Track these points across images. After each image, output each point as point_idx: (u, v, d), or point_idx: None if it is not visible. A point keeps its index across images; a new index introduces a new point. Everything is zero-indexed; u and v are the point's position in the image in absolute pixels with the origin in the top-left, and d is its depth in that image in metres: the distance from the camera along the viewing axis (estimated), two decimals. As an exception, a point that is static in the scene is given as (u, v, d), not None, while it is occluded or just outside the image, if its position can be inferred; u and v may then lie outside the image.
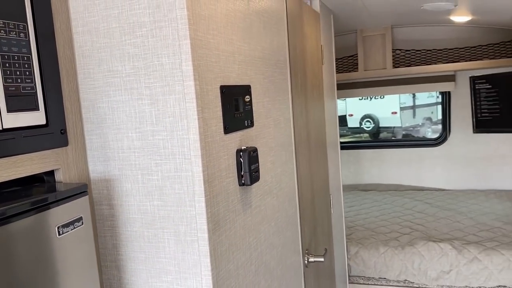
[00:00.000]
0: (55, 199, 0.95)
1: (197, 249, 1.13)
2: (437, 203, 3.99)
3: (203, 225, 1.12)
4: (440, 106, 15.46)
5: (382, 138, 14.81)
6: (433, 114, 17.42)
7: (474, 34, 3.68)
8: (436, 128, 16.82)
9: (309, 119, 2.21)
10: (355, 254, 3.12)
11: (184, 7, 1.06)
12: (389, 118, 15.25)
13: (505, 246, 2.86)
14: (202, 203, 1.11)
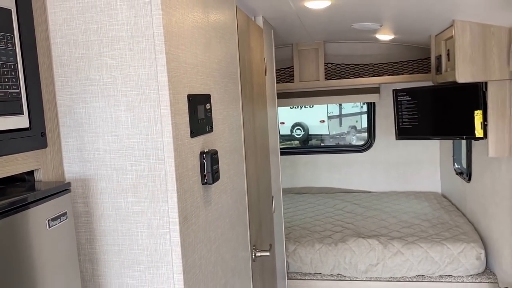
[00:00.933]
0: (46, 195, 1.05)
1: (169, 240, 1.26)
2: (364, 203, 4.37)
3: (175, 218, 1.25)
4: (364, 115, 16.39)
5: (314, 144, 15.45)
6: (358, 123, 18.49)
7: (396, 51, 4.11)
8: (360, 136, 17.89)
9: (255, 126, 2.40)
10: (293, 252, 3.35)
11: (161, 25, 1.20)
12: (317, 126, 15.96)
13: (423, 240, 3.24)
14: (175, 199, 1.25)
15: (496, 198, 3.00)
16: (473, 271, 3.10)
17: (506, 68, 2.63)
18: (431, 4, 2.42)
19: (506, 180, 2.80)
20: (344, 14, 2.84)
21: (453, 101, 3.02)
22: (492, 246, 3.12)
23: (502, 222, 2.91)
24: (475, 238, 3.22)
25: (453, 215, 3.80)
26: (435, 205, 4.15)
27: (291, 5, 2.50)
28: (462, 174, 3.89)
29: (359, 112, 18.60)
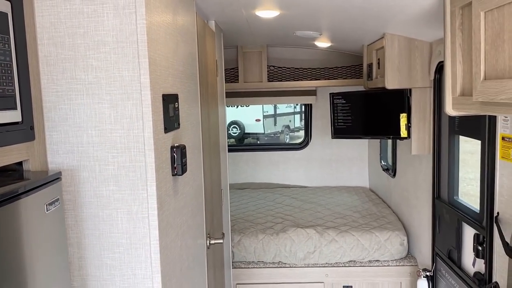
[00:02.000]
0: (44, 182, 1.17)
1: (147, 224, 1.42)
2: (301, 197, 4.69)
3: (154, 204, 1.41)
4: (297, 115, 16.90)
5: (250, 143, 15.73)
6: (291, 122, 19.11)
7: (332, 57, 4.46)
8: (293, 135, 18.52)
9: (210, 123, 2.58)
10: (238, 242, 3.56)
11: (145, 33, 1.35)
12: (253, 125, 16.33)
13: (354, 229, 3.60)
14: (154, 187, 1.41)
15: (418, 191, 3.42)
16: (397, 256, 3.50)
17: (427, 77, 3.03)
18: (365, 19, 2.74)
19: (426, 174, 3.21)
20: (289, 23, 3.09)
21: (382, 105, 3.40)
22: (414, 233, 3.54)
23: (422, 212, 3.33)
24: (399, 226, 3.64)
25: (380, 207, 4.22)
26: (364, 198, 4.57)
27: (242, 12, 2.71)
28: (388, 170, 4.32)
29: (293, 112, 19.24)
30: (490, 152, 2.20)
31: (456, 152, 2.84)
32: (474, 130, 2.52)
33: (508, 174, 2.07)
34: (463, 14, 1.76)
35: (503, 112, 1.46)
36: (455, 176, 2.85)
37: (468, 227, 2.57)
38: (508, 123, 2.07)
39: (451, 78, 1.87)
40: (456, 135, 2.81)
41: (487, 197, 2.24)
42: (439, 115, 2.99)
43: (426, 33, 2.84)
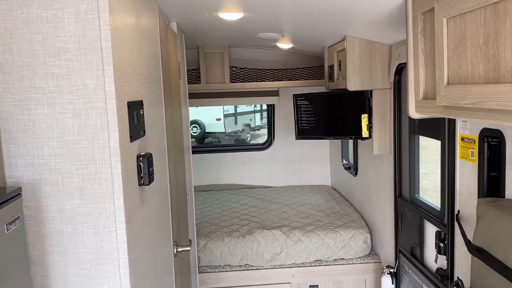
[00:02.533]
0: (3, 200, 1.09)
1: (115, 238, 1.36)
2: (266, 198, 4.70)
3: (122, 217, 1.36)
4: (258, 114, 16.89)
5: (211, 142, 15.60)
6: (252, 121, 19.15)
7: (294, 58, 4.48)
8: (254, 133, 18.57)
9: (174, 127, 2.53)
10: (204, 246, 3.52)
11: (109, 39, 1.29)
12: (214, 124, 16.22)
13: (319, 228, 3.64)
14: (121, 200, 1.35)
15: (379, 189, 3.51)
16: (361, 253, 3.57)
17: (388, 79, 3.10)
18: (328, 22, 2.77)
19: (388, 173, 3.29)
20: (252, 25, 3.08)
21: (344, 106, 3.45)
22: (376, 231, 3.63)
23: (384, 209, 3.41)
24: (362, 224, 3.71)
25: (343, 205, 4.29)
26: (327, 197, 4.63)
27: (205, 14, 2.66)
28: (349, 169, 4.40)
29: (253, 110, 19.27)
30: (450, 152, 2.27)
31: (416, 152, 2.92)
32: (433, 131, 2.60)
33: (468, 174, 2.14)
34: (425, 20, 1.81)
35: (466, 116, 1.50)
36: (415, 175, 2.93)
37: (429, 225, 2.65)
38: (467, 124, 2.14)
39: (414, 82, 1.92)
40: (416, 135, 2.89)
41: (447, 196, 2.32)
42: (399, 115, 3.06)
43: (385, 36, 2.90)
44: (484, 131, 1.99)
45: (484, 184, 1.98)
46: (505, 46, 1.24)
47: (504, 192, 1.86)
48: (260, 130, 19.31)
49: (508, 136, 1.82)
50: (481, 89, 1.35)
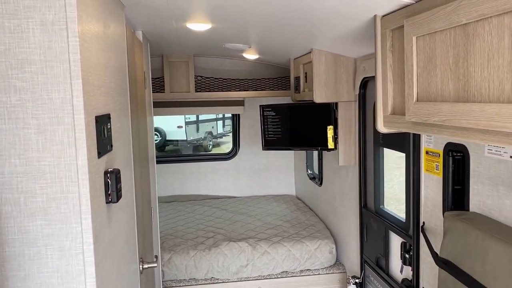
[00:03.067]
0: (-40, 225, 1.01)
1: (82, 260, 1.29)
2: (231, 208, 4.65)
3: (89, 239, 1.29)
4: (220, 121, 16.77)
5: (179, 152, 15.36)
6: (214, 128, 19.06)
7: (260, 69, 4.49)
8: (216, 141, 18.47)
9: (140, 138, 2.45)
10: (168, 261, 3.43)
11: (78, 51, 1.23)
12: (175, 131, 16.00)
13: (286, 239, 3.64)
14: (89, 219, 1.28)
15: (344, 199, 3.55)
16: (327, 264, 3.59)
17: (353, 92, 3.16)
18: (296, 35, 2.79)
19: (353, 184, 3.34)
20: (219, 35, 3.05)
21: (310, 117, 3.48)
22: (341, 241, 3.66)
23: (349, 220, 3.45)
24: (328, 235, 3.74)
25: (308, 215, 4.32)
26: (292, 207, 4.65)
27: (173, 24, 2.62)
28: (314, 179, 4.44)
29: (215, 118, 19.19)
30: (415, 165, 2.33)
31: (381, 164, 2.98)
32: (398, 144, 2.66)
33: (432, 186, 2.20)
34: (393, 37, 1.84)
35: (435, 132, 1.53)
36: (380, 186, 2.99)
37: (395, 235, 2.70)
38: (431, 138, 2.20)
39: (382, 97, 1.95)
40: (380, 147, 2.95)
41: (413, 208, 2.37)
42: (364, 128, 3.12)
43: (351, 50, 2.95)
44: (449, 145, 2.05)
45: (449, 197, 2.03)
46: (475, 66, 1.28)
47: (468, 205, 1.92)
48: (223, 138, 19.24)
49: (472, 150, 1.88)
50: (451, 108, 1.38)
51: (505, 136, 1.19)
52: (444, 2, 1.41)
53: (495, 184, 1.74)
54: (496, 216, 1.73)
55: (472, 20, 1.26)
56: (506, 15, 1.14)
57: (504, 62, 1.16)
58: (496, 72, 1.19)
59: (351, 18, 2.09)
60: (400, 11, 1.74)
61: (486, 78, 1.24)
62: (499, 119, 1.17)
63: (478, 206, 1.85)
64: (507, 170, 1.67)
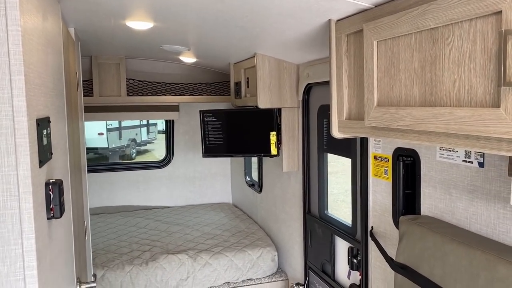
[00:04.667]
0: None
1: (23, 287, 1.09)
2: (167, 219, 4.44)
3: (32, 262, 1.10)
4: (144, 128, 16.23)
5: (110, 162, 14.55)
6: (138, 135, 18.40)
7: (196, 73, 4.35)
8: (139, 149, 17.83)
9: (73, 145, 2.22)
10: (101, 278, 3.16)
11: (20, 43, 1.05)
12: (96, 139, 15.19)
13: (227, 249, 3.52)
14: (32, 240, 1.09)
15: (286, 206, 3.52)
16: (269, 272, 3.54)
17: (296, 98, 3.15)
18: (240, 39, 2.71)
19: (295, 190, 3.32)
20: (158, 36, 2.89)
21: (252, 123, 3.42)
22: (283, 248, 3.63)
23: (292, 226, 3.43)
24: (269, 242, 3.69)
25: (247, 223, 4.24)
26: (230, 215, 4.54)
27: (111, 21, 2.42)
28: (253, 186, 4.38)
29: (139, 125, 18.54)
30: (363, 170, 2.35)
31: (325, 169, 2.99)
32: (344, 149, 2.68)
33: (381, 191, 2.23)
34: (349, 41, 1.83)
35: (396, 137, 1.53)
36: (324, 192, 3.00)
37: (341, 241, 2.71)
38: (380, 143, 2.23)
39: (337, 102, 1.94)
40: (324, 153, 2.96)
41: (361, 212, 2.39)
42: (308, 133, 3.12)
43: (294, 55, 2.94)
44: (398, 150, 2.08)
45: (400, 202, 2.06)
46: (443, 70, 1.29)
47: (419, 209, 1.96)
48: (147, 145, 18.60)
49: (423, 155, 1.92)
50: (417, 112, 1.38)
51: (475, 139, 1.20)
52: (407, 7, 1.41)
53: (447, 187, 1.79)
54: (449, 219, 1.78)
55: (441, 24, 1.26)
56: (478, 19, 1.15)
57: (476, 67, 1.17)
58: (468, 76, 1.20)
59: (304, 23, 2.06)
60: (357, 15, 1.74)
61: (456, 83, 1.25)
62: (472, 123, 1.17)
63: (430, 209, 1.89)
64: (460, 174, 1.72)
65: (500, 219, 1.55)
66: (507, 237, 1.52)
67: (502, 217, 1.54)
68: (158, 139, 18.80)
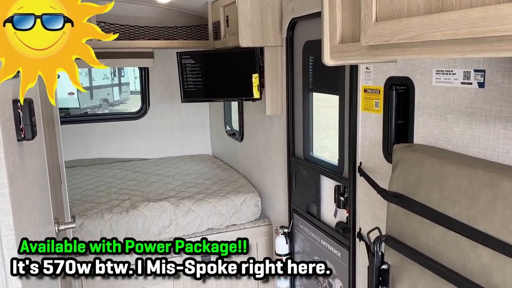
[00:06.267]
0: None
1: None
2: (145, 170, 4.32)
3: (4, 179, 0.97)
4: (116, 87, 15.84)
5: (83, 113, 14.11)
6: (110, 95, 17.90)
7: (172, 16, 4.12)
8: (113, 109, 17.38)
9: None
10: (80, 227, 3.05)
11: None
12: (66, 99, 14.68)
13: (210, 196, 3.45)
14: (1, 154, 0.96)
15: (269, 151, 3.44)
16: (253, 217, 3.50)
17: (279, 36, 3.00)
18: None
19: (279, 134, 3.23)
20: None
21: (233, 65, 3.26)
22: (266, 194, 3.58)
23: (275, 171, 3.36)
24: (252, 189, 3.63)
25: (229, 172, 4.17)
26: (210, 165, 4.46)
27: None
28: (234, 135, 4.28)
29: (111, 84, 18.00)
30: (353, 105, 2.26)
31: (310, 110, 2.90)
32: (331, 86, 2.58)
33: (371, 125, 2.15)
34: (342, -43, 1.69)
35: (397, 54, 1.43)
36: (310, 133, 2.92)
37: (327, 180, 2.66)
38: (370, 75, 2.14)
39: (330, 26, 1.81)
40: (310, 93, 2.86)
41: (349, 149, 2.32)
42: (292, 73, 3.00)
43: (278, -11, 2.78)
44: (391, 79, 2.00)
45: (392, 133, 2.00)
46: (453, -30, 1.18)
47: (412, 139, 1.89)
48: (120, 105, 18.12)
49: (418, 82, 1.84)
50: (423, 21, 1.27)
51: (488, 43, 1.11)
52: None
53: (443, 113, 1.72)
54: (444, 145, 1.72)
55: None
56: None
57: (492, -41, 1.06)
58: (482, -29, 1.09)
59: None
60: None
61: (467, -18, 1.14)
62: (486, 23, 1.08)
63: (424, 138, 1.83)
64: (458, 97, 1.65)
65: (500, 139, 1.49)
66: (506, 158, 1.48)
67: (503, 137, 1.49)
68: (131, 100, 18.36)
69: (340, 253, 2.51)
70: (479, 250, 1.37)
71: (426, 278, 1.59)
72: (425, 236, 1.60)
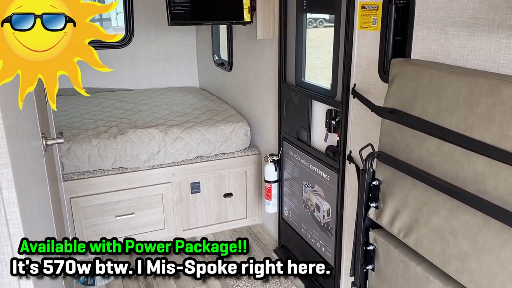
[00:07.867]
0: None
1: None
2: (131, 100, 4.23)
3: None
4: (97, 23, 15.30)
5: None
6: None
7: None
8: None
9: None
10: (67, 151, 3.01)
11: None
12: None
13: (199, 124, 3.41)
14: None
15: (259, 79, 3.38)
16: (242, 146, 3.49)
17: (272, -47, 2.84)
18: None
19: (270, 61, 3.15)
20: None
21: (223, -14, 3.10)
22: (256, 123, 3.56)
23: (264, 99, 3.32)
24: (241, 118, 3.60)
25: (217, 102, 4.11)
26: (198, 97, 4.38)
27: None
28: (222, 65, 4.17)
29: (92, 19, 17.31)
30: (349, 24, 2.18)
31: (304, 33, 2.81)
32: (326, 5, 2.48)
33: (367, 44, 2.09)
34: None
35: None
36: (302, 57, 2.84)
37: (318, 105, 2.63)
38: (369, -10, 2.05)
39: None
40: (304, 14, 2.75)
41: (344, 70, 2.27)
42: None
43: None
44: (390, -7, 1.92)
45: (389, 50, 1.95)
46: None
47: (409, 55, 1.85)
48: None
49: (419, -6, 1.77)
50: None
51: None
52: None
53: (443, 26, 1.67)
54: (443, 60, 1.68)
55: None
56: None
57: None
58: None
59: None
60: None
61: None
62: None
63: (422, 53, 1.78)
64: (460, 8, 1.59)
65: (502, 49, 1.46)
66: (507, 68, 1.45)
67: (504, 47, 1.45)
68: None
69: (329, 176, 2.53)
70: (474, 158, 1.38)
71: (418, 190, 1.61)
72: (418, 149, 1.60)
